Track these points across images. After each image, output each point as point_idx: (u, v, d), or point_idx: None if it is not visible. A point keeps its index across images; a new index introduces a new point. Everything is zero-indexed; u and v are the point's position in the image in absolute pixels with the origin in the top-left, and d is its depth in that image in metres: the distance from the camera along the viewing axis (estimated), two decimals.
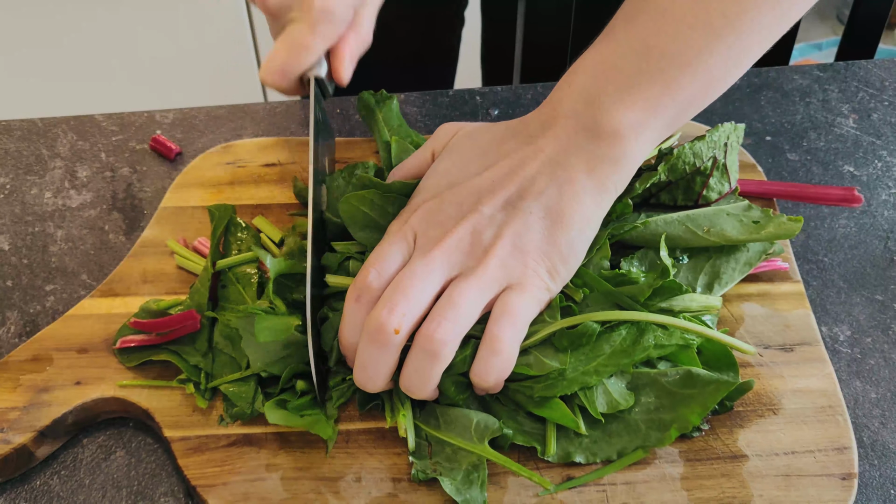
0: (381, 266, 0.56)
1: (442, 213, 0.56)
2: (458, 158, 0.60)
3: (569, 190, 0.55)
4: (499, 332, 0.54)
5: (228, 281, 0.64)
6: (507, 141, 0.59)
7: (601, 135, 0.56)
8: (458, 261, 0.55)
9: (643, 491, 0.55)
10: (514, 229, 0.55)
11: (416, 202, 0.59)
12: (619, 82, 0.56)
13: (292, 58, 0.65)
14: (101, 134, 0.81)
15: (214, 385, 0.60)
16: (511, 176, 0.56)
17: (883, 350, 0.64)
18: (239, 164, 0.74)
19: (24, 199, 0.76)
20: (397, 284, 0.54)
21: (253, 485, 0.56)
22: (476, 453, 0.56)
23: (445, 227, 0.56)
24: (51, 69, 1.67)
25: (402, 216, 0.59)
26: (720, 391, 0.55)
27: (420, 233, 0.57)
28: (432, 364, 0.53)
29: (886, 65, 0.85)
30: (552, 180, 0.56)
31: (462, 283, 0.54)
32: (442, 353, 0.53)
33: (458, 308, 0.53)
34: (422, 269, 0.54)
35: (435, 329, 0.53)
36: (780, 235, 0.63)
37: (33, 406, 0.59)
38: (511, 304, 0.54)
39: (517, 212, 0.55)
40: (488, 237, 0.55)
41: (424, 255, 0.55)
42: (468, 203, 0.56)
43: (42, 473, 0.59)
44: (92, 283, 0.69)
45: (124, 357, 0.62)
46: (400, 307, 0.53)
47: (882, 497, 0.57)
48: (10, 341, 0.66)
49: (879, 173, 0.76)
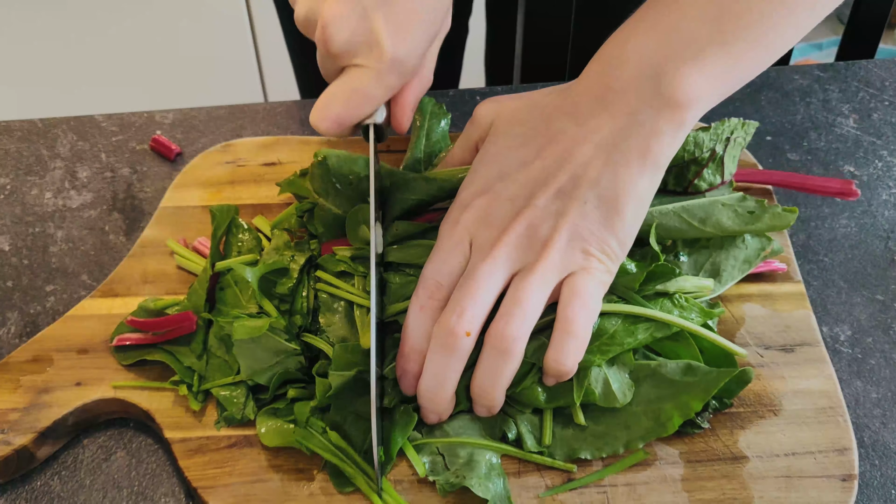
0: (442, 273, 0.55)
1: (496, 211, 0.55)
2: (505, 145, 0.58)
3: (624, 173, 0.54)
4: (572, 315, 0.53)
5: (226, 283, 0.63)
6: (555, 121, 0.56)
7: (667, 107, 0.53)
8: (518, 256, 0.54)
9: (644, 492, 0.55)
10: (570, 219, 0.54)
11: (466, 197, 0.57)
12: (690, 50, 0.53)
13: (352, 107, 0.59)
14: (102, 134, 0.81)
15: (206, 388, 0.60)
16: (563, 164, 0.55)
17: (884, 350, 0.64)
18: (239, 164, 0.74)
19: (25, 200, 0.75)
20: (462, 289, 0.54)
21: (254, 486, 0.56)
22: (493, 448, 0.56)
23: (501, 226, 0.55)
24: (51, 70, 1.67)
25: (453, 215, 0.57)
26: (721, 378, 0.56)
27: (476, 234, 0.56)
28: (505, 362, 0.53)
29: (887, 65, 0.85)
30: (607, 165, 0.54)
31: (525, 280, 0.53)
32: (514, 350, 0.53)
33: (524, 304, 0.53)
34: (484, 271, 0.54)
35: (504, 327, 0.53)
36: (775, 226, 0.63)
37: (34, 407, 0.59)
38: (579, 286, 0.54)
39: (572, 201, 0.54)
40: (545, 230, 0.54)
41: (485, 257, 0.54)
42: (521, 197, 0.55)
43: (42, 474, 0.59)
44: (92, 283, 0.69)
45: (120, 355, 0.62)
46: (469, 311, 0.53)
47: (883, 497, 0.57)
48: (11, 342, 0.66)
49: (880, 173, 0.76)
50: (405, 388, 0.57)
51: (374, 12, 0.56)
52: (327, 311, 0.61)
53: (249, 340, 0.58)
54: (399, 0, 0.57)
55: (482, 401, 0.56)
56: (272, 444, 0.56)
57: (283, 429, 0.57)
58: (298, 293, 0.62)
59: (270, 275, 0.62)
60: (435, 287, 0.55)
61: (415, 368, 0.56)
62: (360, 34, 0.57)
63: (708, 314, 0.59)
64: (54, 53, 1.66)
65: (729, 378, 0.56)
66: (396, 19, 0.57)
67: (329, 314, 0.61)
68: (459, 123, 0.79)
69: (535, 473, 0.56)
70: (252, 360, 0.59)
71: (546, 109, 0.57)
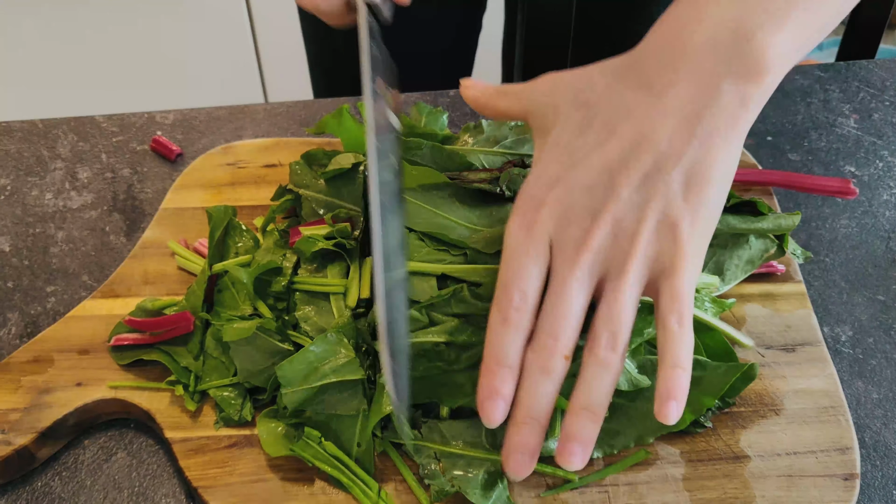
0: (524, 284, 0.50)
1: (574, 206, 0.50)
2: (572, 128, 0.52)
3: (710, 145, 0.49)
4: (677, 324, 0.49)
5: (224, 285, 0.63)
6: (624, 94, 0.51)
7: (751, 71, 0.49)
8: (606, 257, 0.49)
9: (645, 492, 0.55)
10: (657, 207, 0.49)
11: (537, 192, 0.51)
12: (773, 10, 0.49)
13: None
14: (102, 135, 0.81)
15: (203, 389, 0.60)
16: (642, 143, 0.49)
17: (885, 350, 0.64)
18: (239, 165, 0.74)
19: (25, 201, 0.75)
20: (555, 309, 0.49)
21: (254, 486, 0.56)
22: (491, 459, 0.56)
23: (583, 225, 0.49)
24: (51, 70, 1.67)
25: (527, 213, 0.51)
26: (730, 374, 0.56)
27: (556, 235, 0.50)
28: (610, 376, 0.49)
29: (887, 65, 0.85)
30: (691, 139, 0.49)
31: (616, 291, 0.49)
32: (617, 365, 0.49)
33: (619, 319, 0.49)
34: (574, 286, 0.49)
35: (605, 345, 0.49)
36: (779, 228, 0.63)
37: (34, 407, 0.59)
38: (676, 290, 0.49)
39: (658, 185, 0.49)
40: (631, 222, 0.49)
41: (573, 263, 0.49)
42: (601, 185, 0.49)
43: (43, 475, 0.59)
44: (93, 284, 0.69)
45: (117, 355, 0.62)
46: (564, 333, 0.49)
47: (884, 498, 0.57)
48: (11, 342, 0.66)
49: (881, 173, 0.76)
50: (489, 411, 0.50)
51: None
52: (303, 305, 0.61)
53: (244, 342, 0.58)
54: None
55: (587, 422, 0.49)
56: (275, 453, 0.56)
57: (284, 435, 0.57)
58: (292, 291, 0.62)
59: (265, 275, 0.62)
60: (520, 299, 0.50)
61: (501, 387, 0.50)
62: None
63: (721, 304, 0.60)
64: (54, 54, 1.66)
65: (739, 373, 0.56)
66: None
67: (304, 307, 0.61)
68: (460, 123, 0.80)
69: (536, 473, 0.56)
70: (247, 362, 0.59)
71: (612, 83, 0.52)
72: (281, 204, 0.68)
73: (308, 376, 0.56)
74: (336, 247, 0.62)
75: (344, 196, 0.66)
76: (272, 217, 0.67)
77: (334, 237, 0.62)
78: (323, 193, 0.66)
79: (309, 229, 0.63)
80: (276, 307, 0.61)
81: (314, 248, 0.61)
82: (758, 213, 0.63)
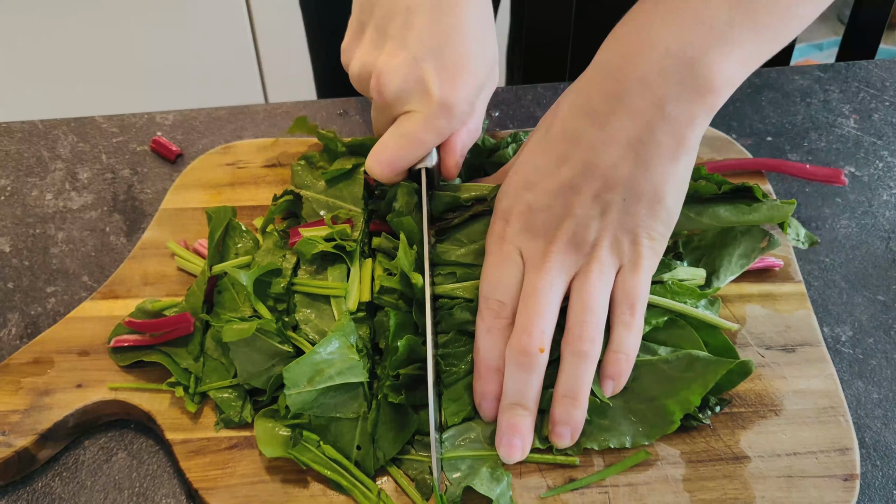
0: (500, 291, 0.57)
1: (537, 222, 0.56)
2: (529, 151, 0.59)
3: (654, 165, 0.54)
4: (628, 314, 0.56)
5: (224, 287, 0.63)
6: (572, 123, 0.56)
7: (700, 94, 0.53)
8: (571, 261, 0.56)
9: (645, 493, 0.55)
10: (612, 217, 0.55)
11: (504, 210, 0.59)
12: (719, 32, 0.52)
13: (403, 151, 0.61)
14: (102, 136, 0.81)
15: (203, 390, 0.59)
16: (591, 169, 0.55)
17: (885, 351, 0.64)
18: (239, 166, 0.74)
19: (25, 201, 0.75)
20: (527, 308, 0.55)
21: (255, 487, 0.56)
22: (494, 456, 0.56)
23: (547, 236, 0.56)
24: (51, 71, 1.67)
25: (497, 228, 0.59)
26: (720, 368, 0.56)
27: (523, 246, 0.57)
28: (588, 365, 0.55)
29: (887, 65, 0.85)
30: (637, 162, 0.54)
31: (586, 284, 0.55)
32: (592, 352, 0.55)
33: (592, 307, 0.55)
34: (543, 286, 0.55)
35: (580, 334, 0.55)
36: (773, 217, 0.63)
37: (34, 409, 0.59)
38: (630, 286, 0.56)
39: (610, 202, 0.55)
40: (592, 232, 0.56)
41: (539, 270, 0.56)
42: (558, 206, 0.56)
43: (43, 475, 0.59)
44: (93, 284, 0.69)
45: (117, 356, 0.62)
46: (537, 328, 0.55)
47: (884, 498, 0.57)
48: (11, 343, 0.66)
49: (881, 174, 0.76)
50: (486, 410, 0.57)
51: (424, 63, 0.59)
52: (303, 307, 0.61)
53: (243, 343, 0.58)
54: (448, 52, 0.59)
55: (569, 408, 0.55)
56: (271, 454, 0.56)
57: (281, 437, 0.57)
58: (292, 293, 0.62)
59: (265, 276, 0.61)
60: (498, 307, 0.57)
61: (493, 389, 0.57)
62: (411, 82, 0.59)
63: (701, 295, 0.60)
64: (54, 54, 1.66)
65: (728, 368, 0.56)
66: (445, 68, 0.59)
67: (304, 310, 0.61)
68: None
69: (536, 474, 0.56)
70: (247, 364, 0.59)
71: (562, 112, 0.57)
72: (280, 204, 0.68)
73: (313, 378, 0.56)
74: (336, 248, 0.62)
75: (344, 197, 0.66)
76: (271, 218, 0.67)
77: (334, 239, 0.62)
78: (323, 194, 0.66)
79: (309, 231, 0.63)
80: (275, 308, 0.61)
81: (314, 251, 0.62)
82: (753, 200, 0.63)
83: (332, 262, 0.62)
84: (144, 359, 0.61)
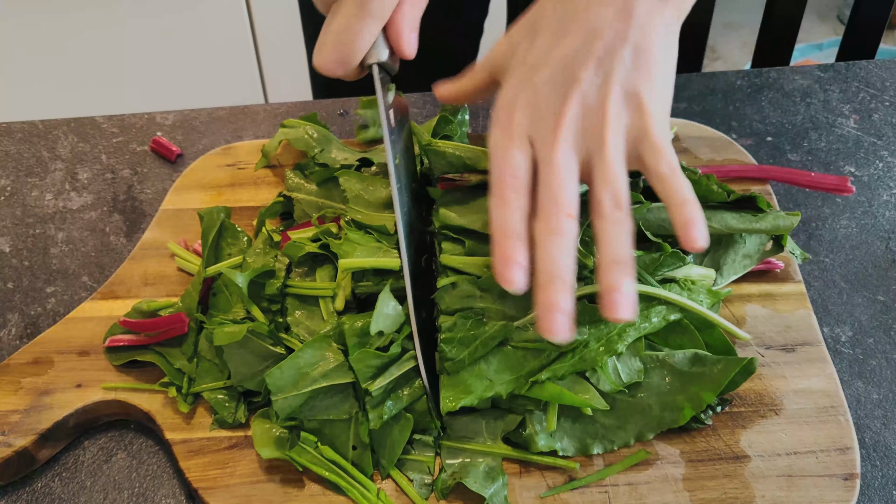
0: (513, 169, 0.54)
1: (544, 101, 0.55)
2: (525, 42, 0.58)
3: (646, 23, 0.56)
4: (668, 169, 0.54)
5: (218, 288, 0.63)
6: (566, 3, 0.57)
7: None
8: (582, 133, 0.55)
9: (645, 491, 0.55)
10: (617, 81, 0.55)
11: (508, 101, 0.57)
12: None
13: (345, 48, 0.58)
14: (102, 136, 0.81)
15: (196, 391, 0.59)
16: (590, 35, 0.56)
17: (885, 351, 0.64)
18: (239, 166, 0.74)
19: (25, 202, 0.75)
20: (547, 180, 0.54)
21: (254, 487, 0.56)
22: (492, 453, 0.56)
23: (554, 110, 0.55)
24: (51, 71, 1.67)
25: (501, 118, 0.57)
26: (730, 368, 0.56)
27: (532, 129, 0.55)
28: (626, 227, 0.53)
29: (887, 65, 0.85)
30: (630, 21, 0.56)
31: (603, 158, 0.54)
32: (627, 220, 0.53)
33: (614, 180, 0.53)
34: (559, 158, 0.54)
35: (609, 205, 0.53)
36: (778, 228, 0.63)
37: (34, 409, 0.59)
38: (655, 145, 0.54)
39: (612, 64, 0.55)
40: (596, 99, 0.55)
41: (552, 145, 0.54)
42: (562, 78, 0.55)
43: (43, 475, 0.59)
44: (93, 284, 0.69)
45: (112, 355, 0.62)
46: (562, 195, 0.53)
47: (884, 498, 0.57)
48: (11, 343, 0.66)
49: (880, 174, 0.76)
50: (508, 275, 0.53)
51: None
52: (294, 309, 0.61)
53: (236, 345, 0.58)
54: None
55: (619, 274, 0.52)
56: (267, 455, 0.56)
57: (277, 438, 0.57)
58: (285, 294, 0.62)
59: (259, 277, 0.61)
60: (512, 178, 0.54)
61: (514, 254, 0.53)
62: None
63: (715, 295, 0.60)
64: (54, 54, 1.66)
65: (740, 366, 0.56)
66: None
67: (295, 311, 0.61)
68: None
69: (536, 473, 0.56)
70: (240, 365, 0.58)
71: (557, 3, 0.58)
72: (270, 207, 0.68)
73: (298, 382, 0.56)
74: (322, 248, 0.62)
75: (333, 196, 0.66)
76: (262, 222, 0.68)
77: (320, 239, 0.62)
78: (314, 196, 0.67)
79: (296, 233, 0.63)
80: (269, 310, 0.61)
81: (301, 253, 0.62)
82: (758, 210, 0.63)
83: (322, 264, 0.62)
84: (139, 358, 0.61)
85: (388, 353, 0.56)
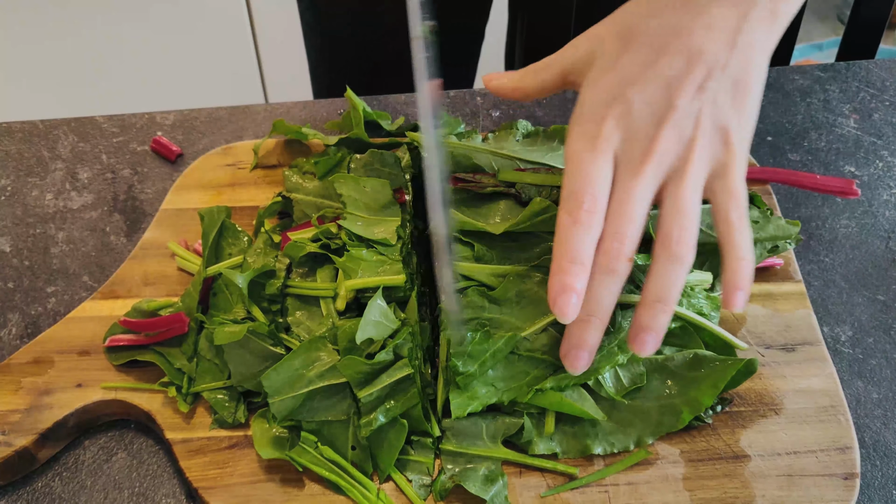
0: (595, 190, 0.53)
1: (636, 119, 0.54)
2: (620, 54, 0.56)
3: (749, 54, 0.54)
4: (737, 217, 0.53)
5: (219, 288, 0.63)
6: (666, 14, 0.55)
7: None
8: (667, 164, 0.53)
9: (645, 491, 0.55)
10: (709, 113, 0.54)
11: (596, 110, 0.55)
12: None
13: None
14: (102, 135, 0.81)
15: (196, 391, 0.59)
16: (694, 57, 0.54)
17: (885, 350, 0.64)
18: (239, 166, 0.74)
19: (26, 201, 0.75)
20: (620, 211, 0.52)
21: (254, 486, 0.56)
22: (493, 457, 0.56)
23: (647, 134, 0.53)
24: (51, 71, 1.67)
25: (586, 128, 0.55)
26: (728, 370, 0.56)
27: (621, 148, 0.54)
28: (682, 269, 0.52)
29: (887, 65, 0.85)
30: (733, 49, 0.54)
31: (680, 187, 0.53)
32: (688, 257, 0.52)
33: (688, 212, 0.52)
34: (638, 192, 0.52)
35: (678, 237, 0.52)
36: (778, 237, 0.63)
37: (35, 408, 0.59)
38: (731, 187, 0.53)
39: (708, 93, 0.54)
40: (688, 130, 0.53)
41: (636, 174, 0.53)
42: (659, 99, 0.54)
43: (43, 475, 0.59)
44: (93, 284, 0.69)
45: (112, 355, 0.62)
46: (629, 236, 0.52)
47: (884, 498, 0.57)
48: (12, 343, 0.66)
49: (880, 173, 0.76)
50: (564, 306, 0.52)
51: None
52: (295, 309, 0.61)
53: (236, 345, 0.58)
54: None
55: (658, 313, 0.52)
56: (267, 455, 0.56)
57: (277, 438, 0.57)
58: (285, 294, 0.62)
59: (259, 277, 0.61)
60: (591, 202, 0.52)
61: (574, 283, 0.52)
62: None
63: (715, 301, 0.60)
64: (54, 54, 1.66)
65: (738, 367, 0.56)
66: None
67: (295, 312, 0.61)
68: None
69: (536, 473, 0.56)
70: (240, 366, 0.58)
71: (651, 10, 0.56)
72: (269, 207, 0.68)
73: (294, 384, 0.56)
74: (322, 248, 0.62)
75: (332, 195, 0.66)
76: (261, 222, 0.68)
77: (320, 239, 0.62)
78: (313, 195, 0.67)
79: (296, 233, 0.63)
80: (270, 310, 0.61)
81: (302, 253, 0.62)
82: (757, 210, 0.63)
83: (322, 264, 0.62)
84: (138, 358, 0.61)
85: (376, 360, 0.56)
